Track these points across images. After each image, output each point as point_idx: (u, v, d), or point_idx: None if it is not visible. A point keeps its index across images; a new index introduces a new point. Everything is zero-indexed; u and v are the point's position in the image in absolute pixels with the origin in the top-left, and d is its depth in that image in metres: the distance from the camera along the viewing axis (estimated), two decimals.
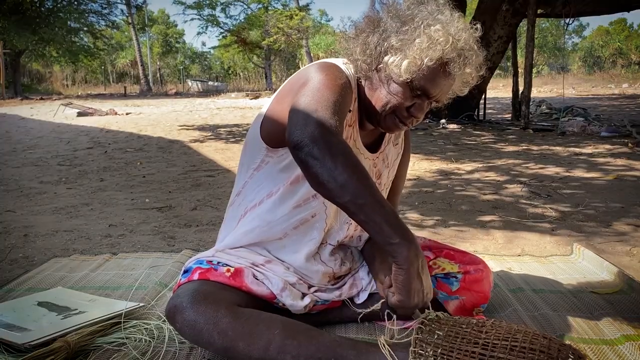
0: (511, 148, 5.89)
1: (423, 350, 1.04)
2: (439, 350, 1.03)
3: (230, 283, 1.30)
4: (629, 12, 10.14)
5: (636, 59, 39.27)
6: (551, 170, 4.42)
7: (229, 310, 1.20)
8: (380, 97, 1.29)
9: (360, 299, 1.48)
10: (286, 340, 1.17)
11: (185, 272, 1.36)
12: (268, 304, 1.34)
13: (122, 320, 1.47)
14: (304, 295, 1.39)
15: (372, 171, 1.47)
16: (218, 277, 1.30)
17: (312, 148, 1.09)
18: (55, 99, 19.24)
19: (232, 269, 1.32)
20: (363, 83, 1.34)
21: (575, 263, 2.11)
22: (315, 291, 1.42)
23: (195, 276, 1.31)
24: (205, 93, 27.49)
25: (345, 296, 1.46)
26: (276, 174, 1.36)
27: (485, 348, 1.00)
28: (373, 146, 1.47)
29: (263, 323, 1.20)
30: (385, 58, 1.25)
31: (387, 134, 1.49)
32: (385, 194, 1.55)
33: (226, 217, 1.50)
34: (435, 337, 1.05)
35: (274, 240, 1.40)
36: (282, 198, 1.36)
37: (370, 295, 1.48)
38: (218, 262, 1.35)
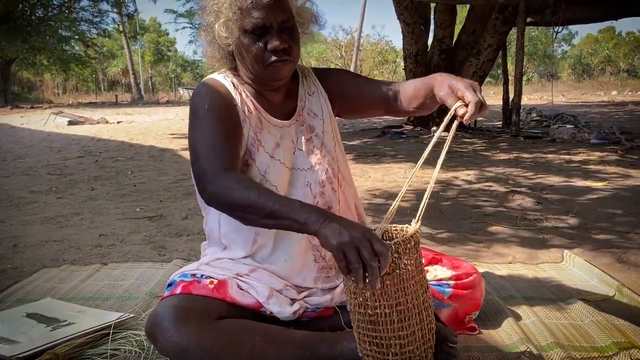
0: (502, 156, 5.92)
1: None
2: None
3: (214, 295, 1.30)
4: (616, 20, 10.26)
5: (624, 66, 39.71)
6: (542, 177, 4.44)
7: (211, 326, 1.23)
8: (247, 62, 1.35)
9: None
10: (267, 344, 1.24)
11: (169, 285, 1.37)
12: (256, 314, 1.34)
13: (111, 332, 1.46)
14: (293, 301, 1.39)
15: (301, 130, 1.45)
16: (201, 290, 1.31)
17: (214, 203, 1.21)
18: (46, 108, 19.16)
19: (215, 281, 1.33)
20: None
21: (566, 270, 2.12)
22: (306, 296, 1.42)
23: (178, 290, 1.32)
24: None
25: (337, 301, 1.46)
26: None
27: None
28: (295, 110, 1.48)
29: (245, 332, 1.25)
30: (215, 35, 1.34)
31: (299, 93, 1.48)
32: (332, 141, 1.49)
33: (209, 242, 1.53)
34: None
35: (255, 246, 1.41)
36: None
37: None
38: (202, 275, 1.35)
